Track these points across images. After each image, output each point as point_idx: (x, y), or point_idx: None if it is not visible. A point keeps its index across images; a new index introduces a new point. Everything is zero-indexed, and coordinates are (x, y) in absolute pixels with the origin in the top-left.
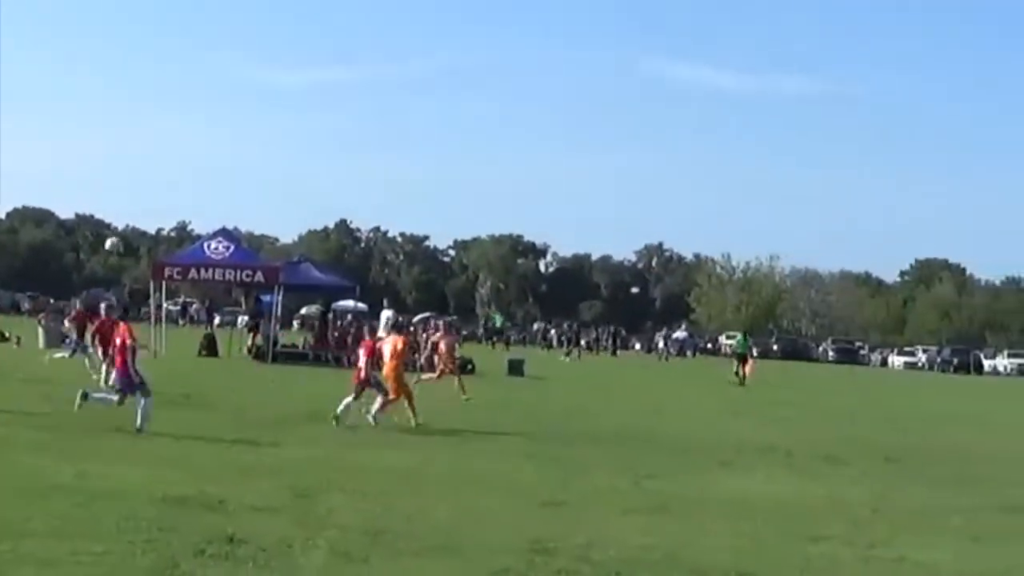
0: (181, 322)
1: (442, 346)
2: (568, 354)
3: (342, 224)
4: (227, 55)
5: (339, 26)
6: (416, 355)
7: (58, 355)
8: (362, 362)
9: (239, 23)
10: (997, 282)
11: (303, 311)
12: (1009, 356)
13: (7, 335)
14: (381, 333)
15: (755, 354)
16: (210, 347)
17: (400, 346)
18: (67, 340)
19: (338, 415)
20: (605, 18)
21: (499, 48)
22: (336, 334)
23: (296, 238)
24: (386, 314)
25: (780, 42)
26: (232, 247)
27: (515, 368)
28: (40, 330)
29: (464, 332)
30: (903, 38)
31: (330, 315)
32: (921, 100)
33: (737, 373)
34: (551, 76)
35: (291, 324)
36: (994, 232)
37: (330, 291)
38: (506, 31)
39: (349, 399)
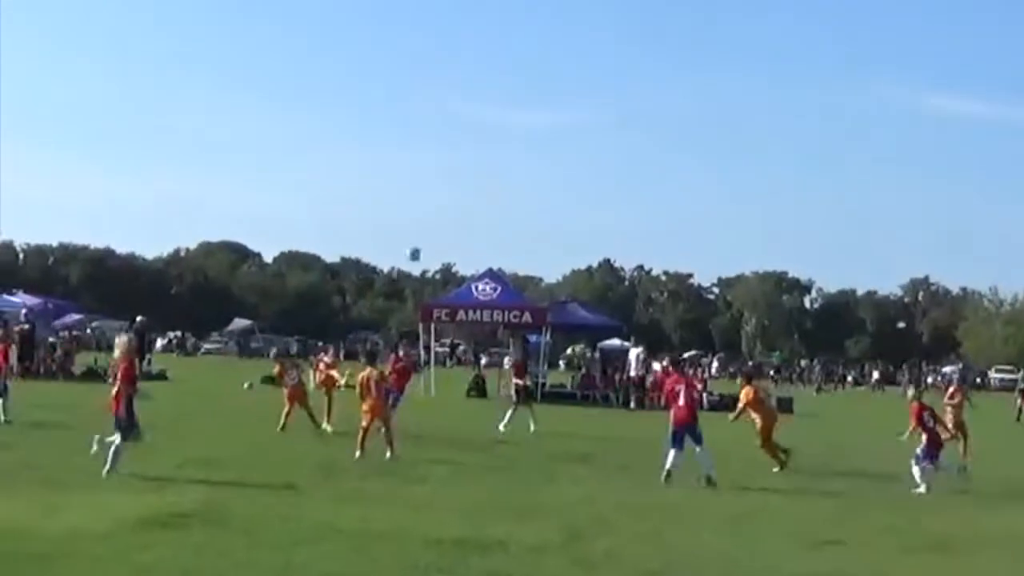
0: (449, 363)
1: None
2: (819, 390)
3: (606, 263)
4: (477, 99)
5: (584, 67)
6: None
7: None
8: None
9: (481, 65)
10: None
11: (568, 351)
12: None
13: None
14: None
15: None
16: (479, 387)
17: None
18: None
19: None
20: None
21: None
22: (606, 373)
23: (560, 278)
24: (635, 351)
25: None
26: (500, 288)
27: (784, 405)
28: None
29: (731, 369)
30: None
31: (598, 354)
32: None
33: (1021, 410)
34: (791, 110)
35: (558, 364)
36: None
37: (597, 331)
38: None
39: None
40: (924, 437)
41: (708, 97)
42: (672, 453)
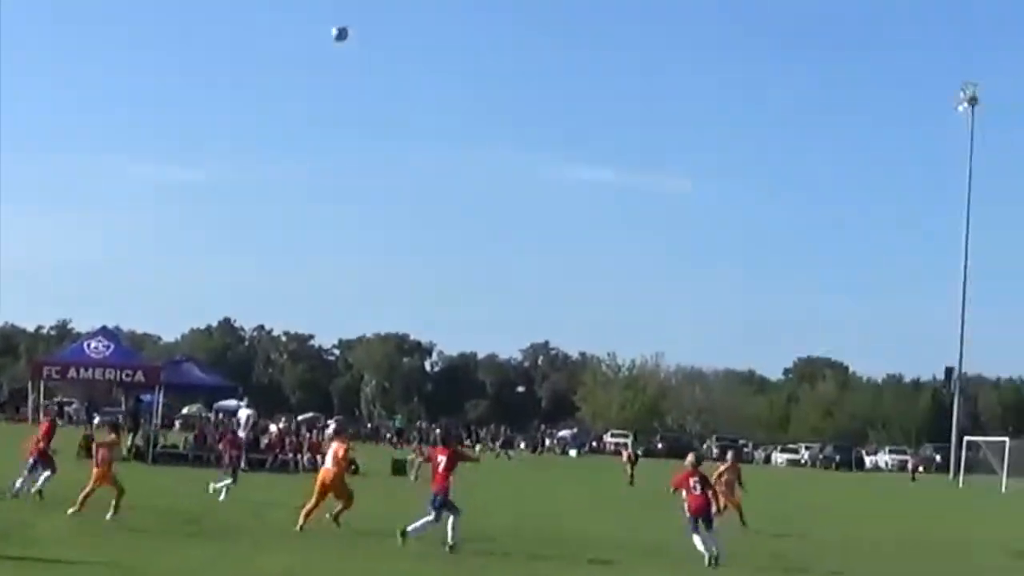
0: (60, 422)
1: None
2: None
3: (225, 323)
4: (107, 153)
5: (212, 125)
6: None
7: None
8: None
9: (113, 122)
10: (879, 379)
11: (185, 411)
12: (890, 452)
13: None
14: (241, 433)
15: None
16: (88, 448)
17: (342, 453)
18: None
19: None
20: (475, 119)
21: (377, 150)
22: (218, 434)
23: (179, 337)
24: (245, 412)
25: (655, 141)
26: (112, 346)
27: (399, 468)
28: None
29: (351, 431)
30: (746, 141)
31: (211, 415)
32: (791, 200)
33: (632, 476)
34: (425, 175)
35: (173, 424)
36: (875, 330)
37: (213, 391)
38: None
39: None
40: (687, 503)
41: (323, 156)
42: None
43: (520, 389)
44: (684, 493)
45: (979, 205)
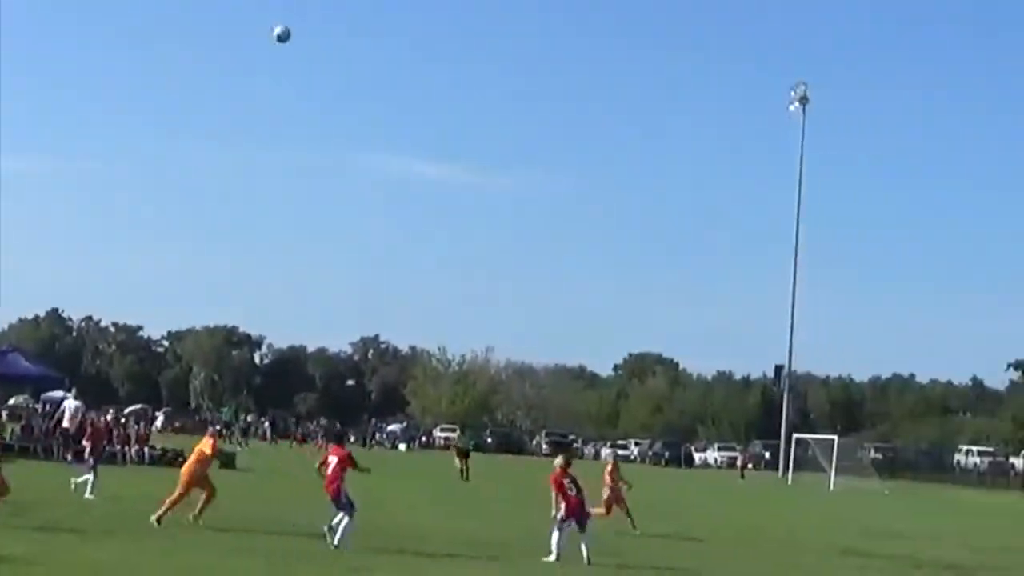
0: None
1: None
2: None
3: (53, 313)
4: None
5: (49, 113)
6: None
7: None
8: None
9: None
10: (708, 376)
11: (11, 401)
12: (720, 449)
13: None
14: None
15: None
16: None
17: (210, 449)
18: None
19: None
20: (301, 117)
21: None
22: (47, 426)
23: (6, 327)
24: (72, 404)
25: (488, 138)
26: None
27: (228, 460)
28: None
29: (177, 424)
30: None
31: (39, 406)
32: (624, 196)
33: (462, 471)
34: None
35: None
36: (705, 327)
37: (39, 381)
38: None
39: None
40: (563, 504)
41: (172, 155)
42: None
43: (350, 383)
44: (559, 494)
45: (809, 204)
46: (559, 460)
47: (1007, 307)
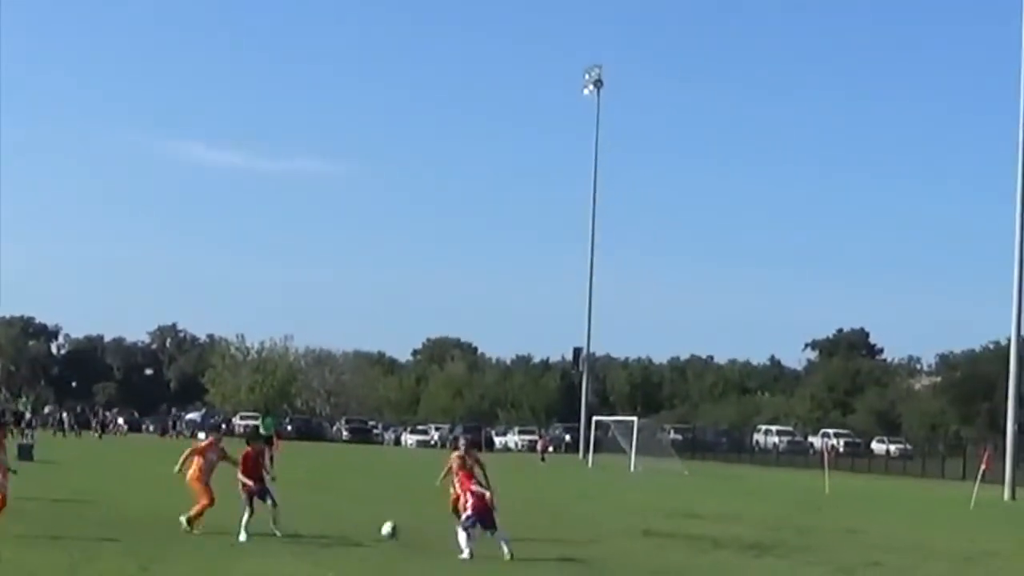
0: None
1: None
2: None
3: None
4: None
5: None
6: None
7: None
8: None
9: None
10: (508, 360)
11: None
12: (520, 433)
13: None
14: None
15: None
16: None
17: None
18: None
19: None
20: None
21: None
22: None
23: None
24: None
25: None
26: None
27: (25, 452)
28: None
29: None
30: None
31: None
32: (420, 179)
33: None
34: (56, 154)
35: None
36: (503, 311)
37: None
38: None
39: None
40: (470, 499)
41: None
42: None
43: (148, 372)
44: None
45: (606, 186)
46: (458, 447)
47: (804, 286)
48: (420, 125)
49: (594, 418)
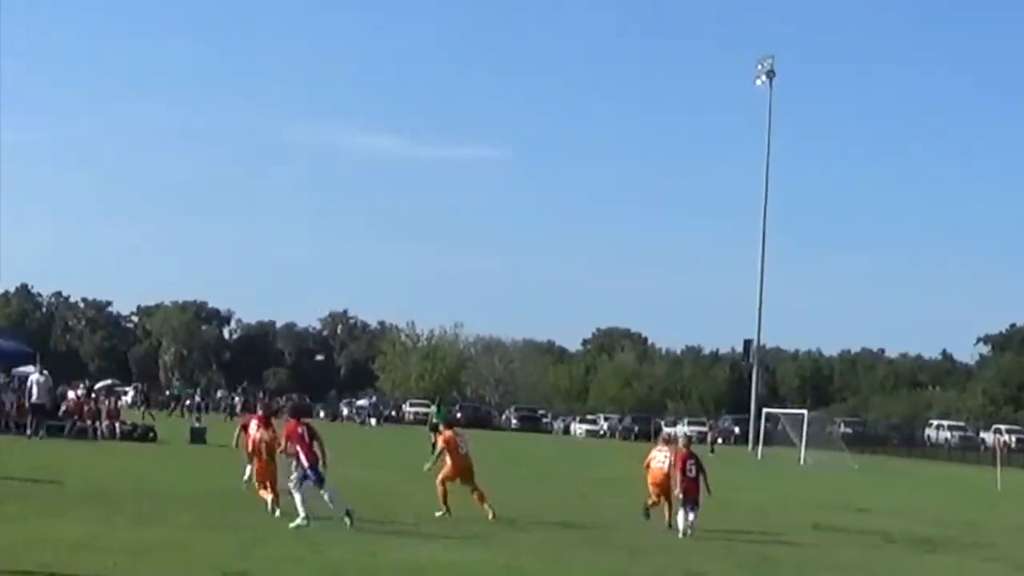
0: None
1: None
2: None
3: (23, 288)
4: None
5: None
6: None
7: None
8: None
9: None
10: (677, 351)
11: None
12: (689, 423)
13: None
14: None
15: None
16: None
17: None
18: None
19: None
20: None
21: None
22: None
23: None
24: (39, 378)
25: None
26: None
27: (197, 436)
28: None
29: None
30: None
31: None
32: (594, 170)
33: (434, 446)
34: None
35: None
36: (674, 301)
37: (8, 357)
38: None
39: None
40: (681, 485)
41: (134, 126)
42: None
43: (319, 358)
44: (679, 475)
45: (778, 177)
46: (682, 441)
47: (977, 281)
48: (592, 114)
49: (764, 410)
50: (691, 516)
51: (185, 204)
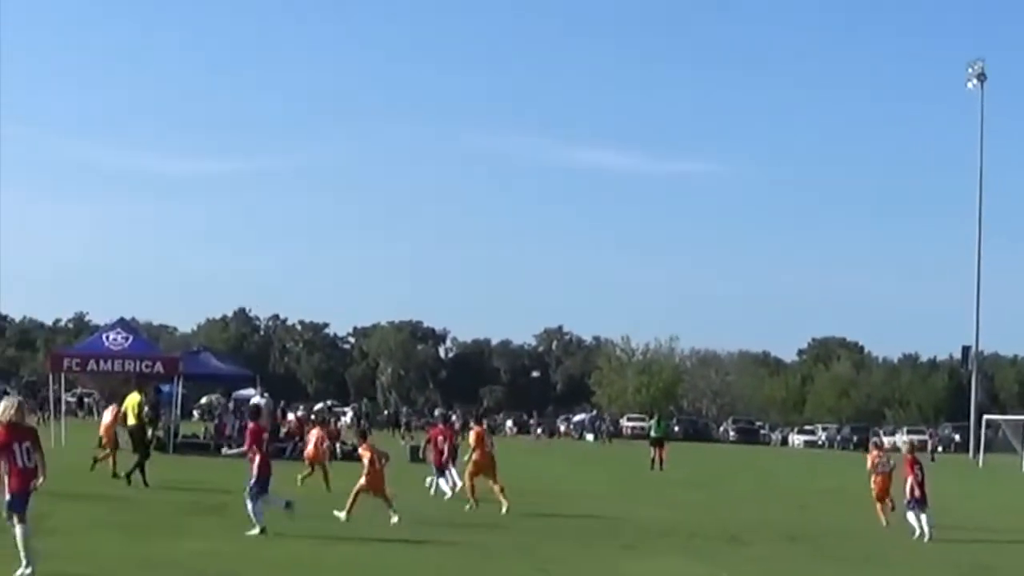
0: (80, 414)
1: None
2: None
3: (241, 313)
4: (110, 145)
5: (226, 118)
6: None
7: None
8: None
9: (111, 110)
10: (895, 359)
11: (203, 400)
12: (908, 432)
13: None
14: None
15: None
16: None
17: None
18: None
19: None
20: (480, 105)
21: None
22: (238, 424)
23: (195, 327)
24: (261, 401)
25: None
26: (131, 338)
27: (414, 454)
28: None
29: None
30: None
31: (231, 404)
32: (804, 180)
33: (654, 460)
34: (429, 158)
35: (191, 414)
36: (890, 309)
37: (230, 380)
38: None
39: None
40: (909, 485)
41: (364, 147)
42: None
43: (535, 374)
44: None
45: (992, 182)
46: (905, 448)
47: None
48: (800, 123)
49: (984, 417)
50: (924, 516)
51: (399, 225)
